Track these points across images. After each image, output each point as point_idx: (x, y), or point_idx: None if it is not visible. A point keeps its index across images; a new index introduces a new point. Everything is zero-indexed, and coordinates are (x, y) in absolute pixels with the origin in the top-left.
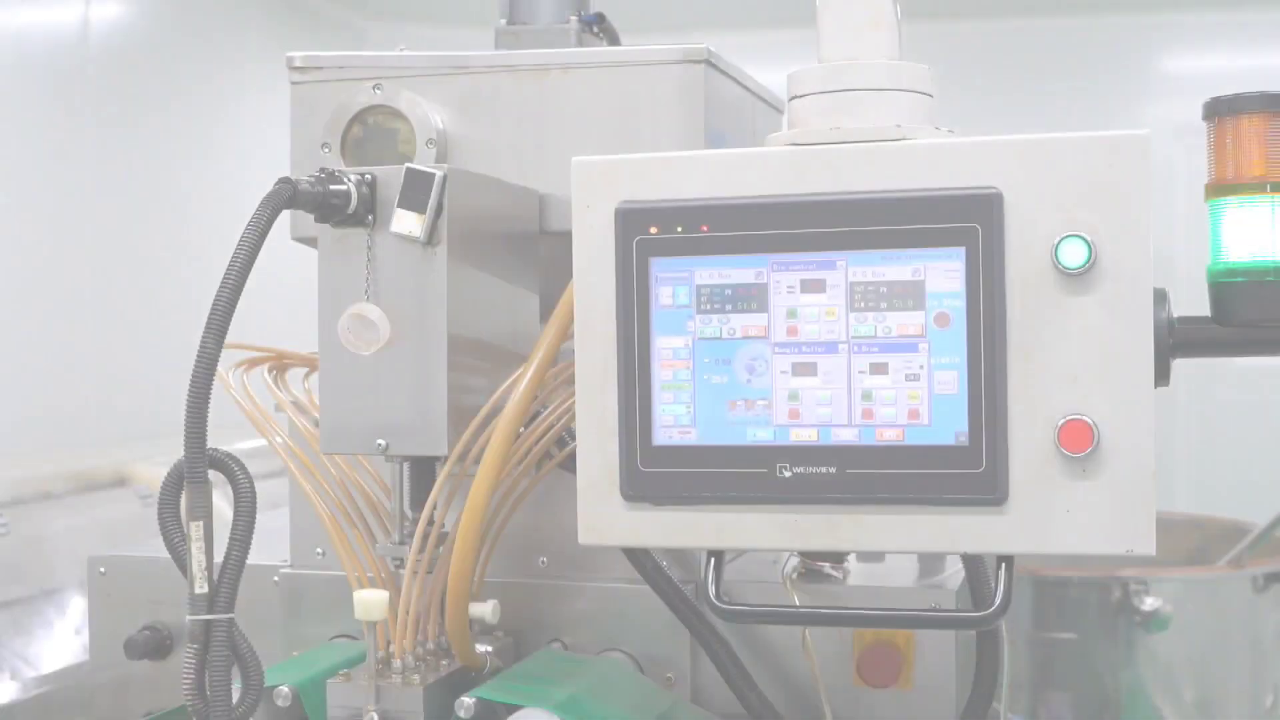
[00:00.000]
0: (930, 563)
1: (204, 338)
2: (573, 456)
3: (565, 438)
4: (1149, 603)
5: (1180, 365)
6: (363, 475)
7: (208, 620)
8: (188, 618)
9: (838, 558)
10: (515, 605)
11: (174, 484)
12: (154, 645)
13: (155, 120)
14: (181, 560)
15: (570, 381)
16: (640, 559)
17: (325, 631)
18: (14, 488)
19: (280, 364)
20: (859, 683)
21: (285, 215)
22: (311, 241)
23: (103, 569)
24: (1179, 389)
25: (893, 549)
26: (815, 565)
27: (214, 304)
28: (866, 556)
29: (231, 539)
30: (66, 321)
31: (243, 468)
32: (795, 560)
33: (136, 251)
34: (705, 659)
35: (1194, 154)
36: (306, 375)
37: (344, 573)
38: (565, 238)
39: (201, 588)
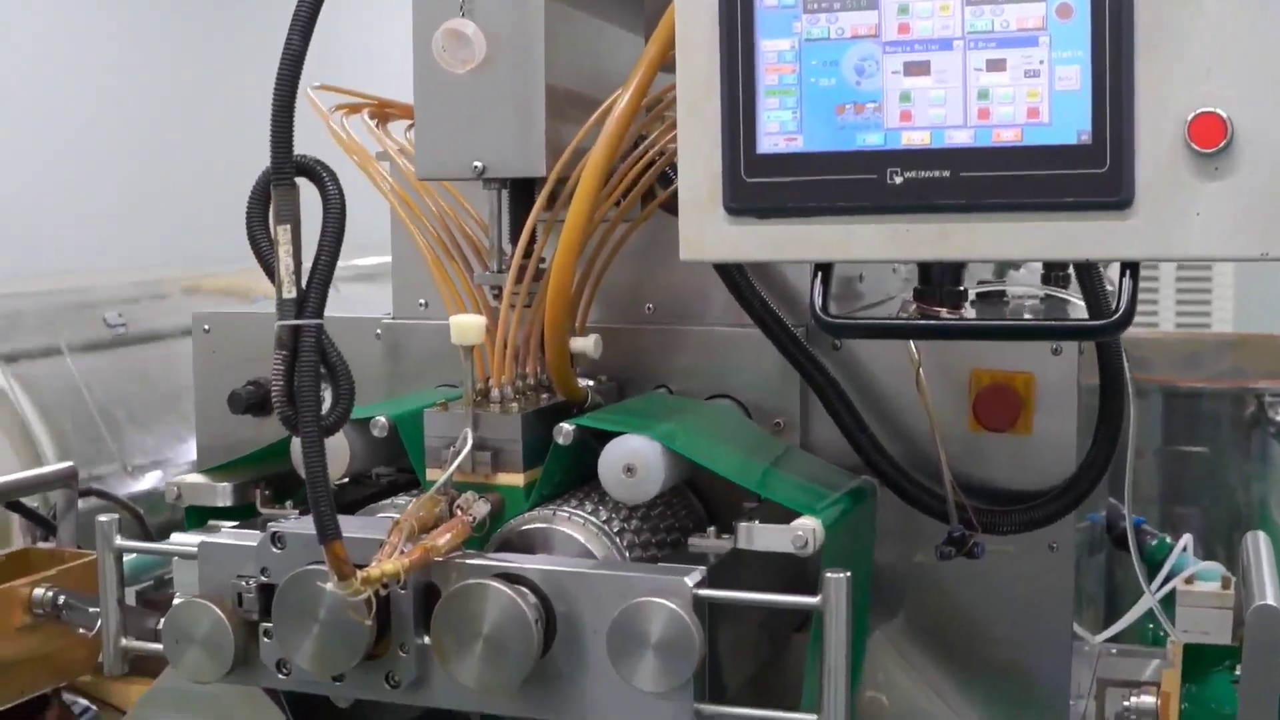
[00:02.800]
0: None
1: (289, 36)
2: (676, 196)
3: (669, 174)
4: None
5: None
6: (463, 216)
7: (296, 325)
8: (276, 323)
9: (955, 299)
10: (620, 351)
11: (261, 190)
12: (258, 401)
13: None
14: (269, 266)
15: (672, 107)
16: (748, 296)
17: (426, 384)
18: (132, 289)
19: (382, 112)
20: (975, 428)
21: None
22: None
23: (207, 326)
24: None
25: (1009, 257)
26: (931, 310)
27: (300, 2)
28: (983, 309)
29: (320, 244)
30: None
31: (330, 174)
32: (911, 308)
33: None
34: (816, 405)
35: None
36: (408, 128)
37: (446, 322)
38: None
39: (289, 292)
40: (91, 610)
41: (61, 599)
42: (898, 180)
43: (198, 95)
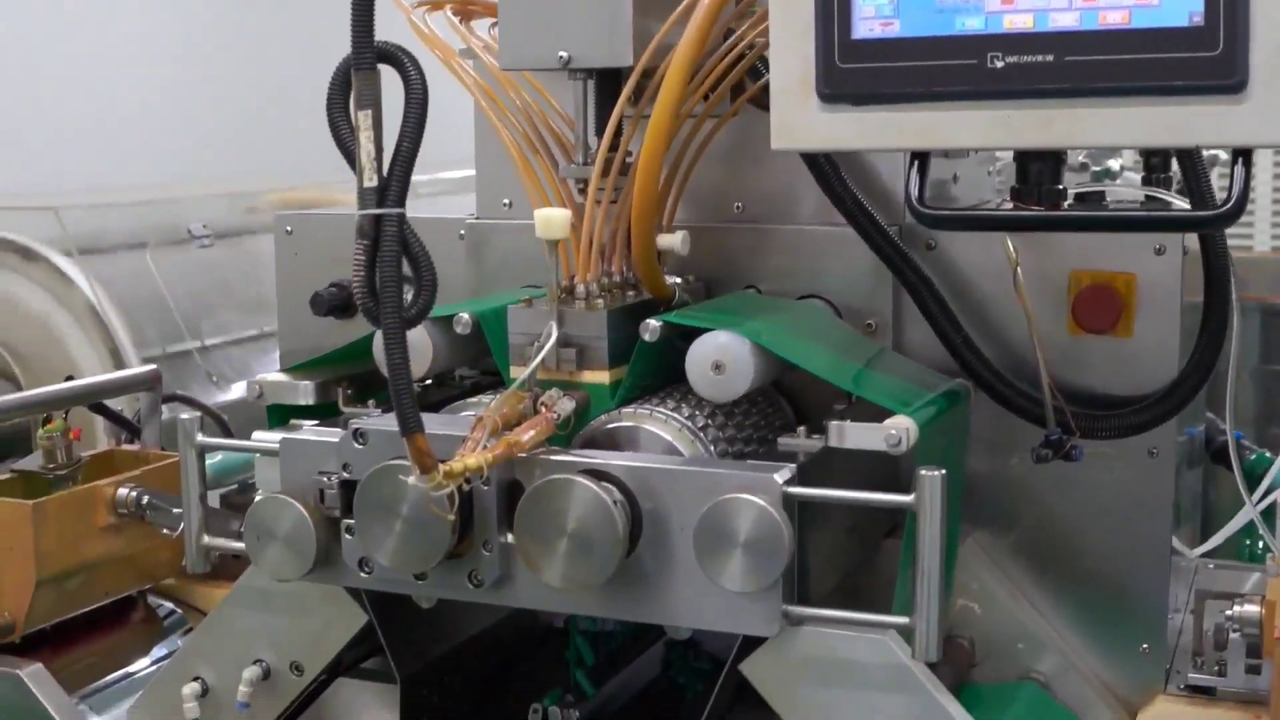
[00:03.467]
0: None
1: None
2: (767, 90)
3: (759, 68)
4: None
5: None
6: (548, 112)
7: (377, 214)
8: (358, 212)
9: (1054, 198)
10: (707, 251)
11: (342, 76)
12: (340, 303)
13: None
14: (350, 153)
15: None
16: (839, 192)
17: (510, 286)
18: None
19: (465, 9)
20: (1074, 330)
21: None
22: None
23: (289, 228)
24: None
25: (1116, 144)
26: (1028, 209)
27: None
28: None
29: (402, 131)
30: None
31: (412, 60)
32: (1008, 205)
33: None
34: (909, 306)
35: None
36: (491, 25)
37: (530, 221)
38: None
39: (371, 180)
40: (175, 511)
41: (145, 499)
42: (999, 65)
43: (286, 12)
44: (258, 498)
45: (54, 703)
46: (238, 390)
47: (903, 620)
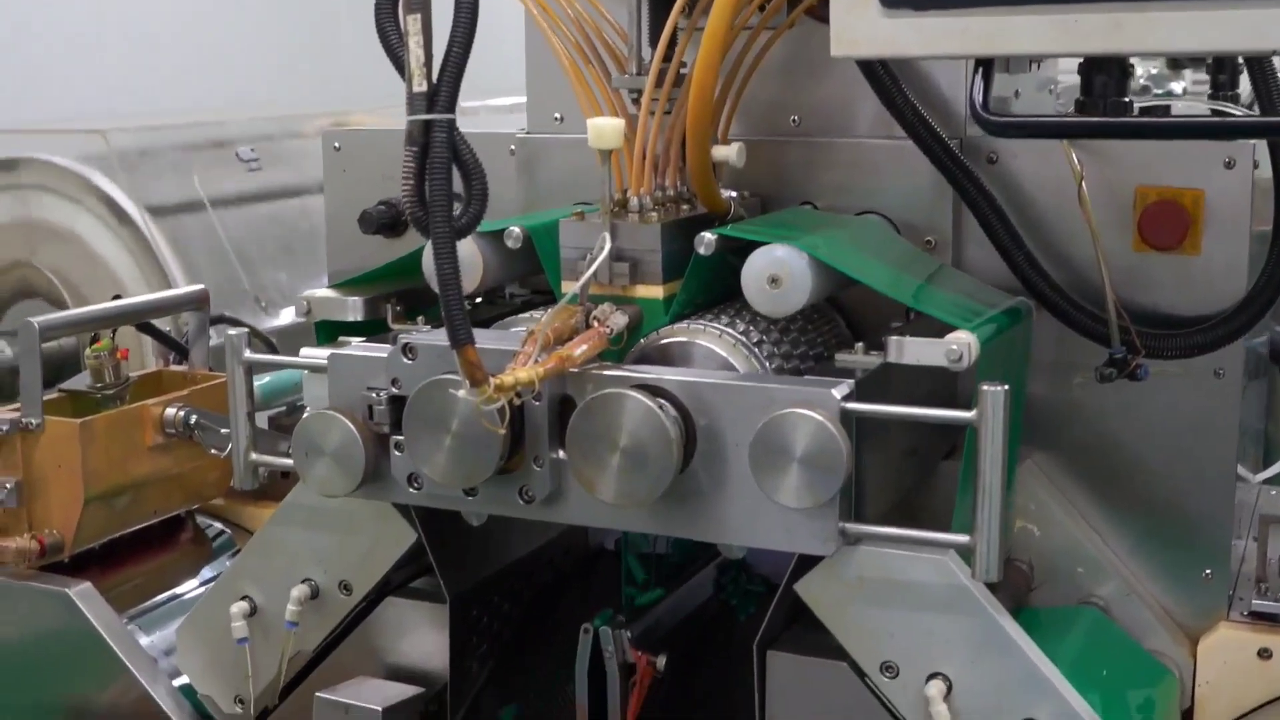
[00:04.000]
0: None
1: None
2: (824, 1)
3: None
4: None
5: None
6: (601, 24)
7: (427, 120)
8: (407, 118)
9: (1119, 111)
10: (763, 166)
11: None
12: (389, 220)
13: None
14: (399, 59)
15: None
16: (899, 104)
17: (562, 203)
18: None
19: None
20: (1140, 247)
21: None
22: None
23: (337, 144)
24: None
25: (1186, 49)
26: None
27: None
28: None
29: (451, 38)
30: None
31: None
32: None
33: None
34: (969, 222)
35: None
36: None
37: (582, 135)
38: None
39: (420, 85)
40: (223, 431)
41: (193, 418)
42: None
43: None
44: (306, 413)
45: (103, 622)
46: (286, 316)
47: (963, 539)
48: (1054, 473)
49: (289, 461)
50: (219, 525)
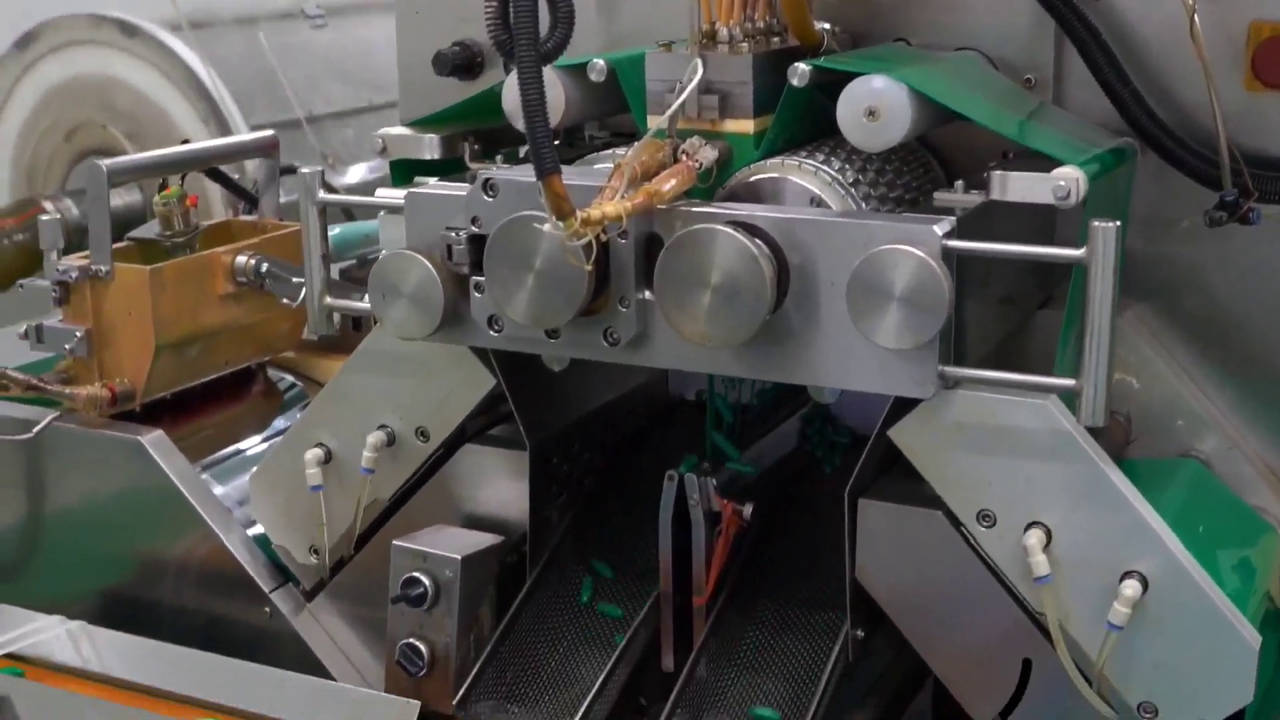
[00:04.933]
0: None
1: None
2: None
3: None
4: None
5: None
6: None
7: None
8: None
9: None
10: (855, 1)
11: None
12: (463, 61)
13: None
14: None
15: None
16: None
17: (645, 44)
18: None
19: None
20: (1253, 86)
21: None
22: None
23: None
24: None
25: None
26: None
27: None
28: None
29: None
30: None
31: None
32: None
33: None
34: (1072, 59)
35: None
36: None
37: None
38: None
39: None
40: (295, 280)
41: (264, 267)
42: None
43: None
44: (383, 254)
45: (176, 470)
46: (354, 174)
47: (1068, 383)
48: (1155, 325)
49: (365, 305)
50: (290, 378)
